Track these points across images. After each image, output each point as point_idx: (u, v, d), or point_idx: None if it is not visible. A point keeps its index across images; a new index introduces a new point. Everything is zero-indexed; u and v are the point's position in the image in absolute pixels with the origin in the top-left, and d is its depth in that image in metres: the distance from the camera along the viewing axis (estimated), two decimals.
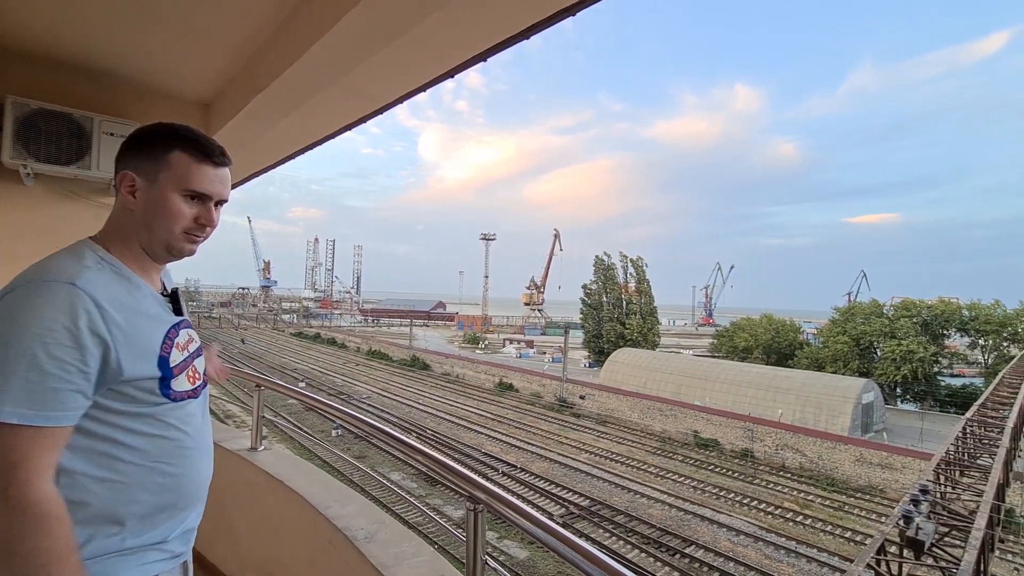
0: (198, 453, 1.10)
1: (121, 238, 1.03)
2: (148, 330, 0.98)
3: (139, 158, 1.01)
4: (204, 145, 1.04)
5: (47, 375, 0.83)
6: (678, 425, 26.96)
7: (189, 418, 1.07)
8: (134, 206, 1.01)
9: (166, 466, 1.02)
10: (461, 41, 2.54)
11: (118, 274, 0.98)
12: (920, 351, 32.01)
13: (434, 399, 32.86)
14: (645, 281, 46.75)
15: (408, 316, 72.35)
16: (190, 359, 1.09)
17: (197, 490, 1.10)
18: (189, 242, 1.05)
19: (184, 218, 1.02)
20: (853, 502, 19.04)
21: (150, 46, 2.91)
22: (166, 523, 1.02)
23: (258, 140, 3.70)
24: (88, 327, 0.87)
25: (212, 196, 1.05)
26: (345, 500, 1.80)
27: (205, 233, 1.07)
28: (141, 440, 0.98)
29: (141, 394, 0.97)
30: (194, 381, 1.10)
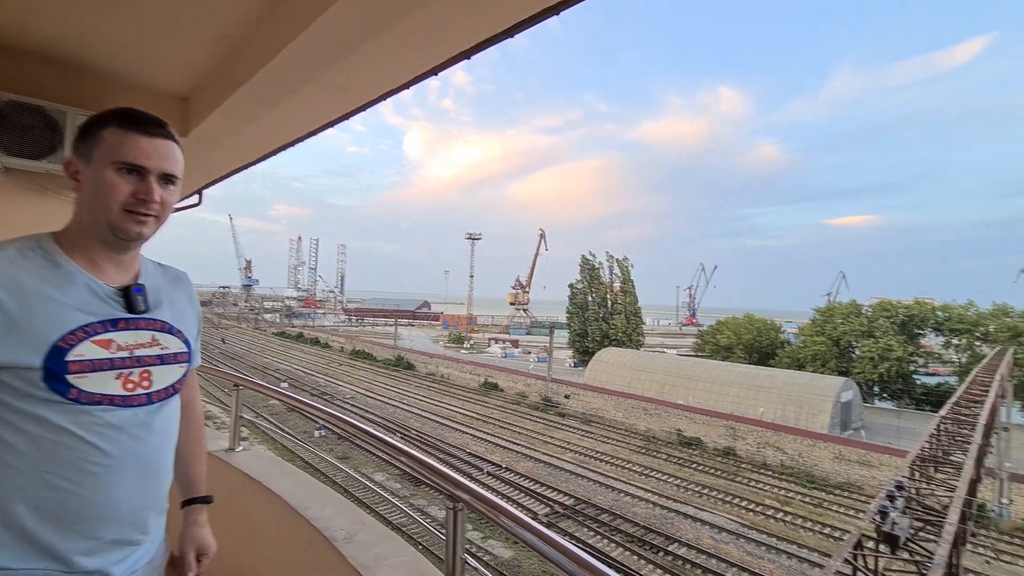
0: (117, 475, 0.94)
1: (74, 230, 1.00)
2: (49, 317, 0.90)
3: (80, 143, 1.00)
4: (135, 116, 0.99)
5: None
6: (662, 424, 27.20)
7: (103, 429, 0.93)
8: (79, 190, 0.99)
9: (58, 479, 0.89)
10: (445, 38, 2.53)
11: (48, 261, 0.94)
12: (897, 350, 32.75)
13: (419, 399, 32.70)
14: (630, 281, 47.07)
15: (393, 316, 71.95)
16: (133, 363, 0.98)
17: (105, 516, 0.94)
18: (133, 222, 0.98)
19: (119, 192, 0.96)
20: (832, 499, 19.40)
21: (127, 38, 2.84)
22: (59, 546, 0.90)
23: (238, 136, 3.64)
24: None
25: (148, 168, 0.98)
26: (325, 501, 1.77)
27: (151, 211, 0.99)
28: (24, 442, 0.88)
29: (23, 385, 0.88)
30: (134, 387, 0.97)
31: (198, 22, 2.64)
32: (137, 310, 1.01)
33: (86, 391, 0.92)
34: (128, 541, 0.99)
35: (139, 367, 0.99)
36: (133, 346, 0.99)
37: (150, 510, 1.03)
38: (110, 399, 0.94)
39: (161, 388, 1.03)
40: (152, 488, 1.02)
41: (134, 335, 1.00)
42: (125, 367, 0.97)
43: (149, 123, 1.00)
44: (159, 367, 1.03)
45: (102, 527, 0.94)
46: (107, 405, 0.94)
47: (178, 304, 1.13)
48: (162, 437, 1.04)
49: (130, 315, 1.00)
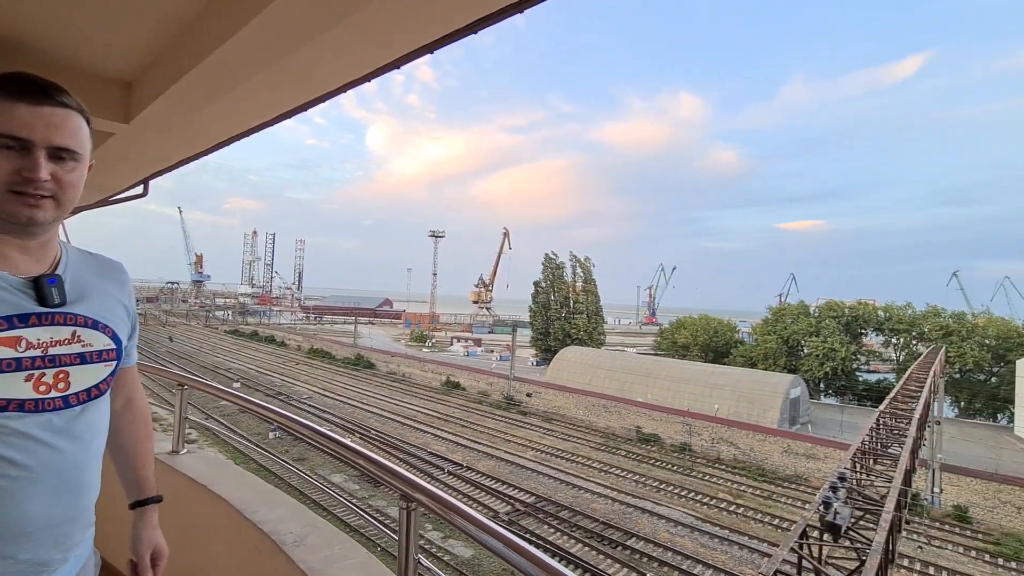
0: (31, 488, 0.85)
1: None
2: None
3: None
4: (17, 81, 0.86)
5: None
6: (621, 421, 27.73)
7: (14, 438, 0.83)
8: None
9: None
10: (407, 31, 2.48)
11: None
12: (841, 349, 34.53)
13: (379, 399, 32.21)
14: (592, 281, 47.77)
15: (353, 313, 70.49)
16: (46, 362, 0.88)
17: (15, 534, 0.84)
18: (22, 204, 0.86)
19: (1, 171, 0.83)
20: (780, 491, 20.25)
21: (64, 16, 2.66)
22: None
23: (185, 124, 3.47)
24: None
25: (32, 140, 0.85)
26: (274, 504, 1.71)
27: (42, 190, 0.86)
28: None
29: None
30: (48, 389, 0.87)
31: (141, 6, 2.50)
32: (50, 303, 0.90)
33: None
34: (47, 560, 0.90)
35: (54, 367, 0.89)
36: (47, 344, 0.89)
37: (73, 524, 0.94)
38: (19, 403, 0.84)
39: (82, 390, 0.93)
40: (74, 500, 0.93)
41: (49, 331, 0.89)
42: (36, 367, 0.87)
43: (34, 89, 0.86)
44: (79, 366, 0.93)
45: (15, 546, 0.84)
46: (14, 411, 0.84)
47: (107, 297, 1.01)
48: (85, 444, 0.94)
49: (43, 309, 0.89)
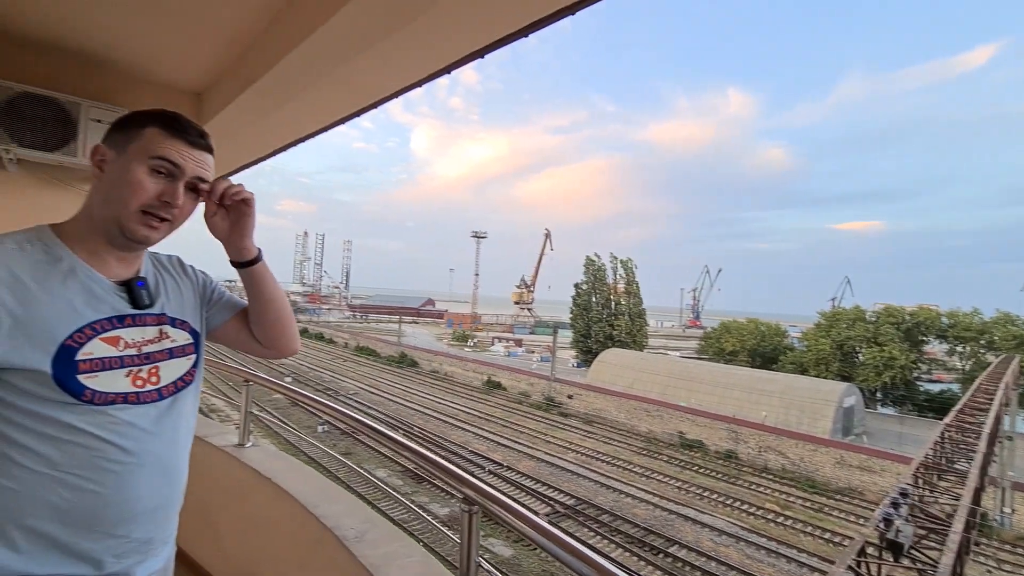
0: (137, 472, 0.93)
1: (80, 221, 0.96)
2: (54, 315, 0.86)
3: (115, 134, 0.96)
4: (180, 121, 0.97)
5: None
6: (664, 426, 27.16)
7: (123, 427, 0.91)
8: (100, 178, 0.95)
9: (77, 479, 0.87)
10: (459, 38, 2.52)
11: (48, 255, 0.90)
12: (901, 357, 32.63)
13: (422, 396, 32.75)
14: (634, 282, 47.03)
15: (397, 312, 72.02)
16: (142, 360, 0.95)
17: (128, 515, 0.92)
18: (145, 224, 0.93)
19: (144, 191, 0.92)
20: (833, 504, 19.35)
21: (143, 32, 2.85)
22: (79, 546, 0.88)
23: (249, 131, 3.65)
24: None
25: (183, 170, 0.95)
26: (334, 498, 1.77)
27: (171, 216, 0.95)
28: (43, 444, 0.85)
29: (34, 387, 0.84)
30: (143, 384, 0.95)
31: (215, 18, 2.64)
32: (141, 305, 0.98)
33: (99, 391, 0.89)
34: (153, 539, 0.98)
35: (148, 364, 0.96)
36: (140, 343, 0.96)
37: (170, 508, 1.02)
38: (123, 397, 0.92)
39: (170, 382, 1.00)
40: (171, 483, 1.00)
41: (141, 331, 0.97)
42: (134, 364, 0.94)
43: (193, 130, 0.98)
44: (167, 362, 1.00)
45: (126, 526, 0.92)
46: (121, 403, 0.91)
47: (177, 292, 1.09)
48: (175, 433, 1.01)
49: (135, 311, 0.97)
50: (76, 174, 3.16)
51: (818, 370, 35.32)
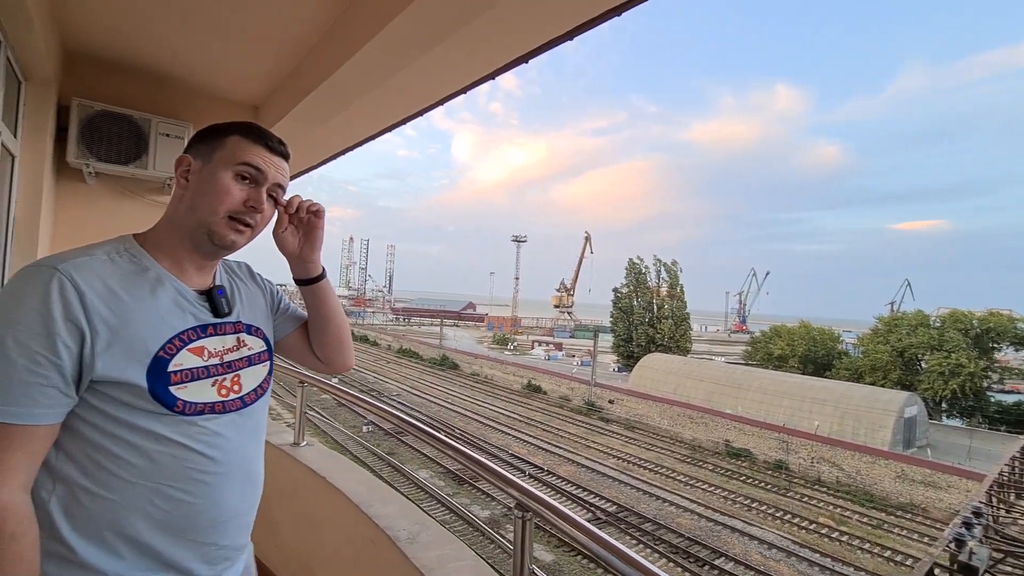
0: (225, 481, 0.94)
1: (162, 231, 0.98)
2: (146, 326, 0.87)
3: (198, 144, 0.99)
4: (261, 130, 1.01)
5: (14, 366, 0.76)
6: (709, 433, 26.39)
7: (211, 437, 0.92)
8: (185, 189, 0.97)
9: (170, 489, 0.88)
10: (503, 44, 2.54)
11: (136, 265, 0.91)
12: (970, 365, 30.47)
13: (463, 399, 33.06)
14: (678, 285, 45.99)
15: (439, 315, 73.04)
16: (224, 369, 0.97)
17: (217, 523, 0.94)
18: (233, 230, 0.96)
19: (231, 198, 0.94)
20: (893, 520, 18.27)
21: (205, 49, 3.01)
22: (173, 555, 0.89)
23: (303, 142, 3.80)
24: (63, 314, 0.79)
25: (265, 175, 0.98)
26: (387, 500, 1.81)
27: (254, 222, 0.98)
28: (136, 455, 0.86)
29: (129, 399, 0.85)
30: (227, 392, 0.96)
31: (271, 35, 2.77)
32: (221, 313, 1.00)
33: (189, 402, 0.90)
34: (239, 545, 1.01)
35: (230, 372, 0.98)
36: (222, 352, 0.98)
37: (251, 513, 1.03)
38: (211, 407, 0.93)
39: (251, 390, 1.02)
40: (252, 490, 1.02)
41: (221, 340, 0.98)
42: (218, 374, 0.96)
43: (272, 138, 1.01)
44: (246, 369, 1.02)
45: (215, 534, 0.94)
46: (209, 413, 0.93)
47: (251, 300, 1.11)
48: (256, 438, 1.04)
49: (216, 320, 0.98)
50: (147, 185, 3.36)
51: (874, 377, 33.46)
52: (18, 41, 2.33)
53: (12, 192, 2.58)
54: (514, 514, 1.13)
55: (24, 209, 2.64)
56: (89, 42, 2.97)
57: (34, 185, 2.66)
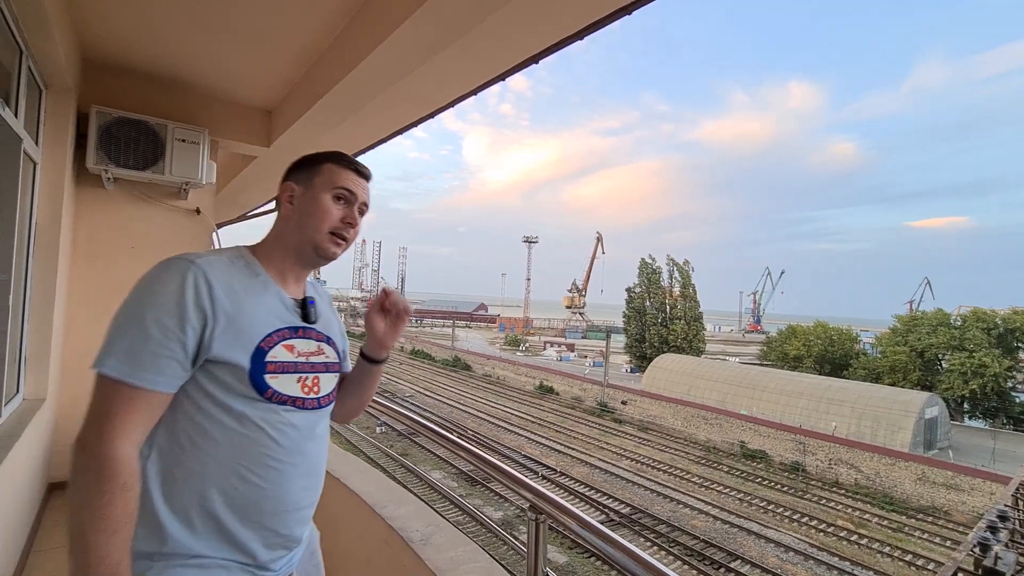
0: (292, 472, 1.02)
1: (270, 246, 1.12)
2: (254, 320, 1.00)
3: (298, 174, 1.14)
4: (350, 158, 1.16)
5: (150, 339, 0.89)
6: (723, 435, 26.12)
7: (285, 428, 1.01)
8: (291, 212, 1.11)
9: (247, 472, 0.97)
10: (513, 45, 2.54)
11: (249, 270, 1.06)
12: (993, 365, 29.76)
13: (475, 400, 33.10)
14: (691, 285, 45.60)
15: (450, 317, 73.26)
16: (308, 368, 1.08)
17: (281, 511, 1.01)
18: (334, 244, 1.11)
19: (332, 216, 1.10)
20: (914, 523, 17.93)
21: (219, 56, 3.05)
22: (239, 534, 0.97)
23: (315, 145, 3.82)
24: (194, 300, 0.93)
25: (357, 196, 1.13)
26: (400, 501, 1.81)
27: (350, 236, 1.13)
28: (224, 433, 0.96)
29: (231, 379, 0.96)
30: (307, 391, 1.07)
31: (284, 38, 2.80)
32: (310, 320, 1.12)
33: (278, 391, 1.00)
34: (297, 537, 1.07)
35: (312, 373, 1.08)
36: (307, 353, 1.08)
37: (311, 510, 1.11)
38: (293, 400, 1.03)
39: (325, 394, 1.12)
40: (315, 488, 1.10)
41: (306, 343, 1.09)
42: (302, 371, 1.06)
43: (361, 166, 1.17)
44: (324, 374, 1.12)
45: (277, 521, 1.01)
46: (291, 406, 1.02)
47: (330, 317, 1.23)
48: (322, 442, 1.13)
49: (304, 324, 1.10)
50: (164, 190, 3.42)
51: (894, 378, 32.83)
52: (38, 50, 2.38)
53: (34, 198, 2.64)
54: (527, 516, 1.13)
55: (46, 214, 2.70)
56: (107, 50, 3.03)
57: (55, 191, 2.72)
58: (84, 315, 3.14)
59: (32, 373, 2.67)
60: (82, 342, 3.13)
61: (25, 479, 2.41)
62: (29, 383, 2.66)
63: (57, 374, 2.97)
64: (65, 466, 3.19)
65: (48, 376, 2.75)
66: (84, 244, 3.17)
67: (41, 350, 2.70)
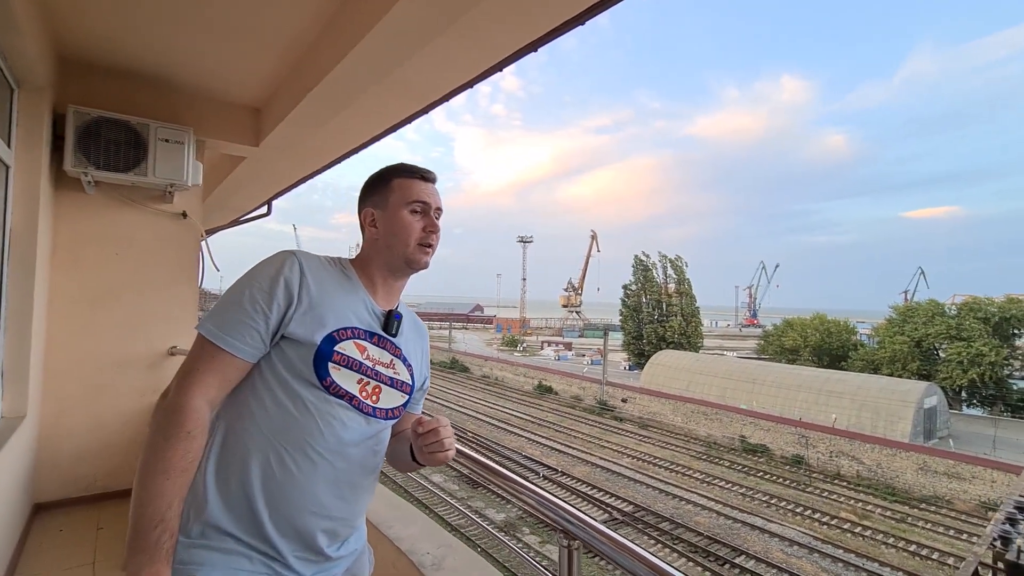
0: (328, 469, 1.02)
1: (364, 260, 1.18)
2: (335, 311, 1.05)
3: (373, 197, 1.19)
4: (414, 167, 1.19)
5: (242, 311, 0.98)
6: (724, 429, 26.08)
7: (335, 422, 1.03)
8: (377, 235, 1.16)
9: (285, 453, 0.98)
10: (508, 31, 2.40)
11: (343, 274, 1.13)
12: (990, 353, 29.86)
13: (474, 401, 32.95)
14: (685, 281, 45.59)
15: (447, 319, 73.02)
16: (374, 375, 1.09)
17: (306, 512, 1.00)
18: (423, 253, 1.16)
19: (415, 229, 1.14)
20: (917, 513, 17.91)
21: (203, 53, 2.90)
22: (266, 521, 0.96)
23: (306, 144, 3.68)
24: (285, 282, 1.01)
25: (430, 203, 1.17)
26: (408, 519, 1.68)
27: (434, 242, 1.18)
28: (278, 408, 0.99)
29: (297, 360, 1.00)
30: (366, 396, 1.08)
31: (269, 31, 2.65)
32: (390, 332, 1.15)
33: (336, 383, 1.02)
34: (320, 549, 1.04)
35: (375, 380, 1.10)
36: (377, 361, 1.11)
37: (344, 528, 1.08)
38: (349, 397, 1.05)
39: (383, 408, 1.12)
40: (351, 503, 1.08)
41: (379, 352, 1.12)
42: (366, 375, 1.08)
43: (425, 171, 1.19)
44: (388, 388, 1.13)
45: (302, 520, 1.00)
46: (346, 403, 1.04)
47: (416, 345, 1.25)
48: (370, 455, 1.12)
49: (382, 333, 1.13)
50: (148, 193, 3.26)
51: (892, 368, 32.90)
52: (7, 46, 2.23)
53: (7, 203, 2.48)
54: (558, 540, 1.00)
55: (21, 220, 2.54)
56: (84, 47, 2.87)
57: (30, 195, 2.56)
58: (66, 326, 2.99)
59: (10, 389, 2.52)
60: (65, 354, 2.98)
61: (5, 501, 2.26)
62: (7, 399, 2.51)
63: (38, 389, 2.82)
64: (51, 486, 3.04)
65: (28, 391, 2.59)
66: (65, 251, 3.01)
67: (19, 364, 2.54)
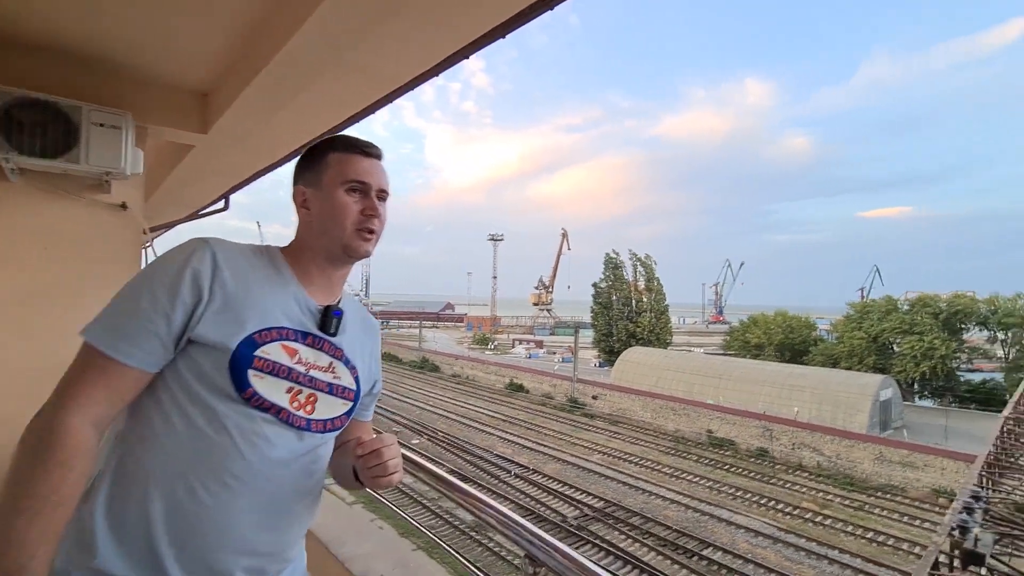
0: (249, 496, 0.86)
1: (297, 249, 1.04)
2: (256, 308, 0.91)
3: (305, 174, 1.05)
4: (353, 139, 1.06)
5: (138, 311, 0.83)
6: (691, 424, 26.60)
7: (258, 440, 0.87)
8: (310, 218, 1.03)
9: (196, 481, 0.83)
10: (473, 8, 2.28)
11: (272, 266, 0.99)
12: (941, 347, 31.36)
13: (445, 400, 32.71)
14: (655, 279, 46.31)
15: (417, 318, 72.22)
16: (307, 382, 0.94)
17: (222, 548, 0.84)
18: (362, 239, 1.02)
19: (351, 211, 1.01)
20: (874, 501, 18.63)
21: (143, 29, 2.67)
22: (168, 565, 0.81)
23: (261, 132, 3.46)
24: (193, 275, 0.86)
25: (370, 184, 1.03)
26: (363, 534, 1.53)
27: (375, 227, 1.04)
28: (187, 428, 0.84)
29: (211, 368, 0.85)
30: (298, 407, 0.93)
31: (216, 10, 2.45)
32: (328, 331, 1.00)
33: (259, 394, 0.88)
34: None
35: (309, 388, 0.96)
36: (311, 365, 0.97)
37: (267, 558, 0.91)
38: (276, 410, 0.90)
39: (319, 420, 0.97)
40: (279, 533, 0.93)
41: (315, 354, 0.98)
42: (298, 382, 0.94)
43: (366, 145, 1.06)
44: (326, 396, 0.99)
45: (217, 560, 0.84)
46: (272, 416, 0.90)
47: (362, 344, 1.10)
48: (303, 477, 0.95)
49: (318, 333, 0.99)
50: (81, 182, 2.99)
51: (851, 362, 34.20)
52: None
53: None
54: (523, 567, 0.88)
55: None
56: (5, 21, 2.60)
57: None
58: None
59: None
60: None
61: None
62: None
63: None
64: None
65: None
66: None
67: None
